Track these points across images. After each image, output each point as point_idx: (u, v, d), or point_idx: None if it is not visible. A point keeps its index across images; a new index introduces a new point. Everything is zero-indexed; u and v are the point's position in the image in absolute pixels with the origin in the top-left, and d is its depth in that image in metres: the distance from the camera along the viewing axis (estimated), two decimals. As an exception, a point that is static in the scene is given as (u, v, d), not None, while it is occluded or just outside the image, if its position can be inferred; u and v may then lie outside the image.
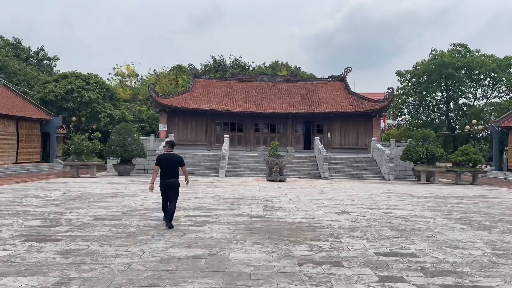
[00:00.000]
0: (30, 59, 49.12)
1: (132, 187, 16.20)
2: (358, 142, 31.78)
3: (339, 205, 11.74)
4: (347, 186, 19.14)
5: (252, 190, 16.08)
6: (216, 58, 61.61)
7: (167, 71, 59.30)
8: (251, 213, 9.86)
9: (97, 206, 10.66)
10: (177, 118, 31.44)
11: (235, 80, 35.79)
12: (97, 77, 31.71)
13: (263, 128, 32.36)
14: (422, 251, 6.40)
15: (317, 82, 35.60)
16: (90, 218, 8.87)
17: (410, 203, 12.85)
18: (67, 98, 28.69)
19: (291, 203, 11.96)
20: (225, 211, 10.20)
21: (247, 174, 25.08)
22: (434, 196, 15.34)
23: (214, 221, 8.65)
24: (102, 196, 12.91)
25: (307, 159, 27.42)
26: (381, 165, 25.67)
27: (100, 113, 29.60)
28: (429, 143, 23.59)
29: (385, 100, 30.81)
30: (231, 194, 14.32)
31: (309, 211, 10.42)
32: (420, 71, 36.51)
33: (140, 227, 7.92)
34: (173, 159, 8.06)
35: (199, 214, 9.64)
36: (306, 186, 18.29)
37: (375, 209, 11.21)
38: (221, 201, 12.22)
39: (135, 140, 24.20)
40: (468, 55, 36.14)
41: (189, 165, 25.85)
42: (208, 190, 15.43)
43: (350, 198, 13.85)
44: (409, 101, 39.59)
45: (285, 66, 63.02)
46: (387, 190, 17.31)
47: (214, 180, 21.36)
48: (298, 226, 8.27)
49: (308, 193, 15.03)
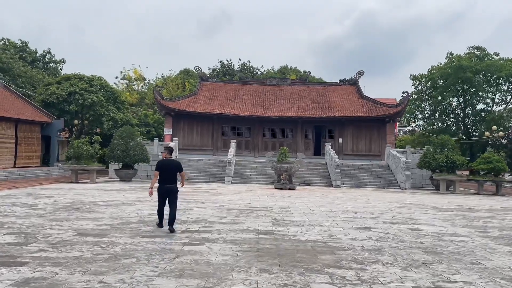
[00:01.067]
0: (37, 62, 48.59)
1: (130, 195, 15.04)
2: (371, 148, 30.36)
3: (357, 219, 10.43)
4: (362, 195, 17.78)
5: (260, 199, 14.82)
6: (224, 62, 60.61)
7: (174, 75, 58.46)
8: (258, 228, 8.60)
9: (86, 218, 9.48)
10: (182, 122, 30.33)
11: (243, 84, 34.65)
12: (100, 79, 30.78)
13: (271, 133, 31.11)
14: (472, 285, 5.09)
15: (328, 86, 34.30)
16: (72, 233, 7.68)
17: (436, 216, 11.49)
18: (69, 101, 27.74)
19: (303, 216, 10.68)
20: (228, 225, 8.95)
21: (254, 181, 23.82)
22: (459, 208, 13.94)
23: (215, 239, 7.40)
24: (95, 205, 11.75)
25: (317, 166, 26.09)
26: (396, 173, 24.24)
27: (103, 116, 28.61)
28: (448, 150, 22.15)
29: (399, 105, 29.41)
30: (236, 204, 13.07)
31: (324, 226, 9.13)
32: (436, 75, 35.04)
33: (127, 245, 6.70)
34: (172, 165, 8.14)
35: (198, 228, 8.41)
36: (317, 196, 16.98)
37: (399, 224, 9.88)
38: (225, 212, 10.98)
39: (138, 145, 23.10)
40: (486, 58, 34.62)
41: (193, 171, 24.71)
42: (212, 199, 14.21)
43: (368, 210, 12.52)
44: (424, 106, 38.06)
45: (294, 71, 61.84)
46: (406, 201, 15.94)
47: (219, 187, 20.14)
48: (314, 247, 6.99)
49: (321, 204, 13.73)
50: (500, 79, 33.73)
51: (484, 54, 35.20)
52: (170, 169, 8.07)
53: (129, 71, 54.54)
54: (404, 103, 29.26)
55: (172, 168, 8.09)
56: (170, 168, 8.07)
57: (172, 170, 8.08)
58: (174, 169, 8.11)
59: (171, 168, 8.08)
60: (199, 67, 34.13)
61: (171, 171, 8.06)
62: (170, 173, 8.04)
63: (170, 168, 8.08)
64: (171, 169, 8.08)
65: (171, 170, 8.08)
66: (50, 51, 50.16)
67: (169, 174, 8.03)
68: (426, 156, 22.78)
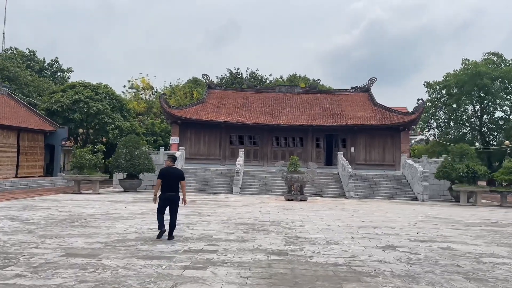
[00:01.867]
0: (44, 71, 48.43)
1: (133, 207, 14.15)
2: (384, 158, 29.21)
3: (379, 236, 9.39)
4: (378, 208, 16.68)
5: (270, 212, 13.83)
6: (233, 71, 59.97)
7: (182, 84, 57.97)
8: (270, 248, 7.62)
9: (79, 234, 8.59)
10: (189, 131, 29.52)
11: (252, 91, 33.83)
12: (106, 87, 30.18)
13: (281, 142, 30.13)
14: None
15: (339, 93, 33.32)
16: (59, 252, 6.78)
17: (466, 233, 10.40)
18: (73, 109, 27.13)
19: (318, 232, 9.67)
20: (236, 243, 7.99)
21: (263, 192, 22.83)
22: (487, 223, 12.80)
23: (221, 261, 6.44)
24: (93, 219, 10.86)
25: (329, 176, 25.03)
26: (413, 184, 23.08)
27: (108, 125, 27.92)
28: (468, 160, 21.00)
29: (414, 112, 28.30)
30: (245, 217, 12.10)
31: (344, 245, 8.12)
32: (451, 82, 33.86)
33: (119, 269, 5.77)
34: (174, 174, 8.22)
35: (202, 248, 7.45)
36: (331, 208, 15.93)
37: (426, 242, 8.83)
38: (233, 227, 10.01)
39: (143, 154, 22.31)
40: (503, 65, 33.40)
41: (200, 181, 23.82)
42: (219, 212, 13.25)
43: (389, 224, 11.46)
44: (439, 114, 36.83)
45: (303, 79, 60.98)
46: (428, 214, 14.82)
47: (227, 198, 19.18)
48: (336, 272, 6.00)
49: (337, 218, 12.69)
50: (519, 85, 32.49)
51: (501, 60, 34.01)
52: (173, 177, 8.15)
53: (137, 80, 54.12)
54: (419, 111, 28.15)
55: (174, 177, 8.17)
56: (172, 177, 8.15)
57: (174, 178, 8.15)
58: (176, 178, 8.18)
59: (173, 177, 8.16)
60: (207, 75, 33.43)
61: (173, 180, 8.13)
62: (172, 181, 8.12)
63: (173, 176, 8.16)
64: (173, 177, 8.15)
65: (174, 178, 8.15)
66: (58, 60, 50.01)
67: (171, 182, 8.11)
68: (444, 166, 21.64)
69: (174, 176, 8.16)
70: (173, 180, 8.13)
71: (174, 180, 8.14)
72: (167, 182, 8.09)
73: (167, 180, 8.09)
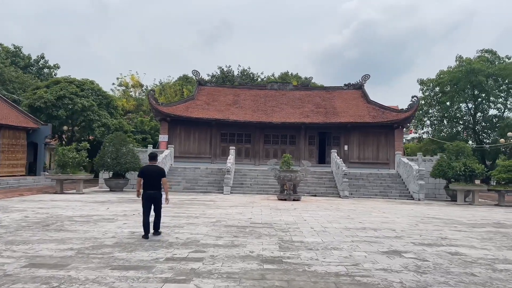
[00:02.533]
0: (30, 67, 47.12)
1: (116, 208, 13.30)
2: (378, 156, 28.62)
3: (380, 239, 8.70)
4: (374, 208, 16.03)
5: (262, 212, 13.08)
6: (224, 68, 59.03)
7: (172, 82, 56.91)
8: (263, 254, 6.87)
9: (51, 239, 7.75)
10: (178, 128, 28.63)
11: (243, 88, 33.02)
12: (92, 83, 29.12)
13: (273, 140, 29.39)
14: None
15: (332, 90, 32.65)
16: (23, 262, 5.95)
17: (470, 235, 9.76)
18: (58, 105, 26.06)
19: (315, 235, 8.95)
20: (225, 249, 7.22)
21: (255, 191, 22.07)
22: (490, 223, 12.20)
23: (207, 271, 5.67)
24: (70, 222, 10.01)
25: (322, 175, 24.36)
26: (408, 183, 22.51)
27: (94, 122, 26.90)
28: (465, 158, 20.46)
29: (409, 110, 27.75)
30: (235, 219, 11.33)
31: (344, 250, 7.39)
32: (445, 79, 33.39)
33: (88, 284, 4.97)
34: (155, 171, 8.16)
35: (187, 255, 6.67)
36: (326, 208, 15.23)
37: (432, 246, 8.15)
38: (222, 230, 9.23)
39: (130, 152, 21.44)
40: (497, 62, 33.03)
41: (189, 180, 23.00)
42: (208, 213, 12.46)
43: (388, 226, 10.78)
44: (432, 112, 36.37)
45: (295, 77, 60.32)
46: (427, 214, 14.20)
47: (217, 198, 18.39)
48: (338, 283, 5.26)
49: (333, 219, 11.99)
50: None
51: (495, 57, 33.64)
52: (154, 175, 8.07)
53: (126, 77, 52.99)
54: (414, 108, 27.61)
55: (155, 174, 8.10)
56: (153, 175, 8.07)
57: (155, 176, 8.08)
58: (157, 175, 8.11)
59: (154, 174, 8.08)
60: (197, 71, 32.50)
61: (154, 177, 8.06)
62: (153, 179, 8.05)
63: (153, 174, 8.08)
64: (154, 175, 8.08)
65: (154, 176, 8.07)
66: (44, 56, 48.73)
67: (152, 180, 8.04)
68: (440, 164, 21.09)
69: (154, 173, 8.09)
70: (154, 178, 8.06)
71: (155, 178, 8.07)
72: (148, 180, 8.03)
73: (148, 178, 8.03)
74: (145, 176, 8.05)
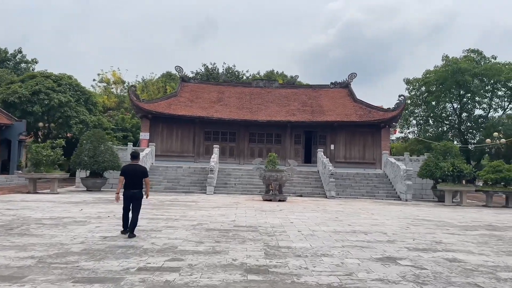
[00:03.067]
0: (6, 61, 45.45)
1: (91, 209, 12.47)
2: (365, 155, 28.28)
3: (372, 244, 8.14)
4: (362, 209, 15.55)
5: (247, 214, 12.44)
6: (209, 66, 58.07)
7: (155, 79, 55.70)
8: (247, 262, 6.22)
9: (11, 245, 6.95)
10: (161, 126, 27.75)
11: (228, 85, 32.33)
12: (70, 78, 27.98)
13: (258, 138, 28.76)
14: None
15: (319, 88, 32.19)
16: (-29, 274, 5.17)
17: (465, 238, 9.31)
18: (33, 101, 24.87)
19: (303, 240, 8.34)
20: (206, 256, 6.54)
21: (239, 191, 21.41)
22: (482, 226, 11.81)
23: (184, 284, 4.99)
24: (37, 225, 9.19)
25: (309, 174, 23.85)
26: (395, 183, 22.18)
27: (72, 119, 25.80)
28: (452, 158, 20.20)
29: (395, 109, 27.48)
30: (218, 221, 10.65)
31: (335, 257, 6.80)
32: (431, 79, 33.29)
33: (42, 302, 4.23)
34: (137, 170, 8.14)
35: (163, 264, 5.97)
36: (313, 209, 14.68)
37: (428, 251, 7.62)
38: (203, 234, 8.55)
39: (108, 150, 20.53)
40: (483, 62, 33.08)
41: (171, 180, 22.20)
42: (189, 215, 11.76)
43: (379, 229, 10.26)
44: (418, 112, 36.28)
45: (281, 75, 59.77)
46: (416, 216, 13.78)
47: (199, 198, 17.67)
48: (332, 299, 4.65)
49: (320, 221, 11.42)
50: (498, 83, 32.15)
51: (481, 57, 33.70)
52: (136, 174, 8.05)
53: (107, 73, 51.58)
54: (401, 107, 27.38)
55: (137, 174, 8.07)
56: (135, 174, 8.05)
57: (137, 175, 8.07)
58: (139, 175, 8.09)
59: (136, 174, 8.06)
60: (180, 67, 31.64)
61: (136, 177, 8.05)
62: (135, 178, 8.03)
63: (136, 173, 8.06)
64: (136, 174, 8.05)
65: (136, 175, 8.06)
66: (22, 51, 47.07)
67: (134, 179, 8.02)
68: (428, 164, 20.81)
69: (137, 173, 8.06)
70: (137, 177, 8.04)
71: (138, 177, 8.05)
72: (130, 179, 7.98)
73: (130, 178, 7.99)
74: (127, 175, 7.99)
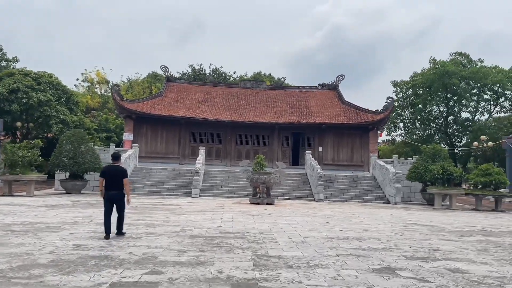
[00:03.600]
0: (-15, 59, 43.83)
1: (67, 214, 11.70)
2: (353, 158, 27.96)
3: (367, 252, 7.63)
4: (352, 213, 15.10)
5: (233, 219, 11.83)
6: (195, 67, 57.23)
7: (141, 79, 54.66)
8: (234, 275, 5.62)
9: (-30, 256, 6.21)
10: (145, 127, 26.95)
11: (215, 86, 31.68)
12: (51, 76, 26.96)
13: (245, 140, 28.18)
14: None
15: (307, 90, 31.79)
16: None
17: (462, 245, 8.88)
18: (10, 99, 23.82)
19: (294, 248, 7.78)
20: (188, 268, 5.92)
21: (226, 194, 20.79)
22: (476, 231, 11.44)
23: (162, 304, 4.36)
24: (4, 232, 8.43)
25: (297, 177, 23.36)
26: (384, 186, 21.84)
27: (52, 118, 24.80)
28: (442, 161, 19.95)
29: (384, 111, 27.23)
30: (203, 227, 10.02)
31: (330, 268, 6.25)
32: (419, 81, 33.24)
33: (-9, 329, 3.57)
34: (116, 171, 8.17)
35: (139, 278, 5.33)
36: (302, 213, 14.15)
37: (427, 260, 7.14)
38: (186, 242, 7.92)
39: (89, 151, 19.70)
40: (470, 65, 33.17)
41: (155, 182, 21.46)
42: (172, 220, 11.10)
43: (372, 235, 9.78)
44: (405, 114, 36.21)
45: (269, 77, 59.35)
46: (408, 220, 13.38)
47: (184, 202, 16.98)
48: (331, 320, 4.08)
49: (311, 226, 10.89)
50: (485, 87, 32.26)
51: (467, 60, 33.79)
52: (115, 175, 8.08)
53: (91, 73, 50.38)
54: (389, 110, 27.13)
55: (116, 175, 8.11)
56: (114, 175, 8.09)
57: (116, 176, 8.10)
58: (119, 176, 8.12)
59: (115, 175, 8.09)
60: (166, 67, 30.88)
61: (116, 178, 8.07)
62: (115, 179, 8.06)
63: (115, 174, 8.09)
64: (115, 175, 8.09)
65: (116, 176, 8.08)
66: (2, 49, 45.47)
67: (114, 180, 8.05)
68: (417, 167, 20.53)
69: (116, 174, 8.08)
70: (116, 178, 8.04)
71: (117, 178, 8.06)
72: (110, 180, 8.01)
73: (110, 179, 8.02)
74: (107, 177, 8.03)
